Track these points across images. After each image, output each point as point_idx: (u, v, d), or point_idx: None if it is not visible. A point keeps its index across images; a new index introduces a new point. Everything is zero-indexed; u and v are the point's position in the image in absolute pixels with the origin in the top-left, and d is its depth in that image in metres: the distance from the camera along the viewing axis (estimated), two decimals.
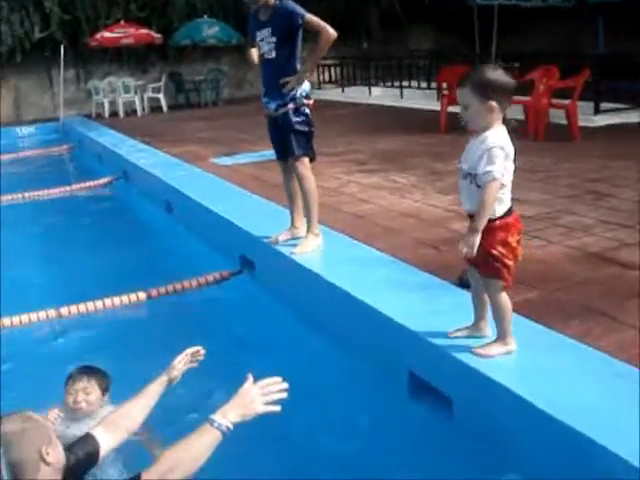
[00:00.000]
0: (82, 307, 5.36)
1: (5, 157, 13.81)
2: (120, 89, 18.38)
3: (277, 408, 2.75)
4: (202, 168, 9.11)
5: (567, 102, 10.12)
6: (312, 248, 5.08)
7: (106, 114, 18.16)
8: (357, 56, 19.47)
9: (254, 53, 5.28)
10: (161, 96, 19.04)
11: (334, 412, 3.72)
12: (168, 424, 3.43)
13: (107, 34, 17.98)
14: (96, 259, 6.96)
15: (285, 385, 2.79)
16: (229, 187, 7.59)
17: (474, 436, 3.15)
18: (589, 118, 11.04)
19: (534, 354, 3.23)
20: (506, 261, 3.06)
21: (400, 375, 3.64)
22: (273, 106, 5.14)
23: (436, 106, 13.78)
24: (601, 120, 11.18)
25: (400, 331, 3.59)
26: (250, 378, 2.83)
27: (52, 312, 5.29)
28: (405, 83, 16.12)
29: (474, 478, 2.99)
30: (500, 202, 3.04)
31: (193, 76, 20.16)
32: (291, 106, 5.06)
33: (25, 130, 16.88)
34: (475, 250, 3.00)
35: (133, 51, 19.95)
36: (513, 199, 3.18)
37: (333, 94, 18.74)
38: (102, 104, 18.38)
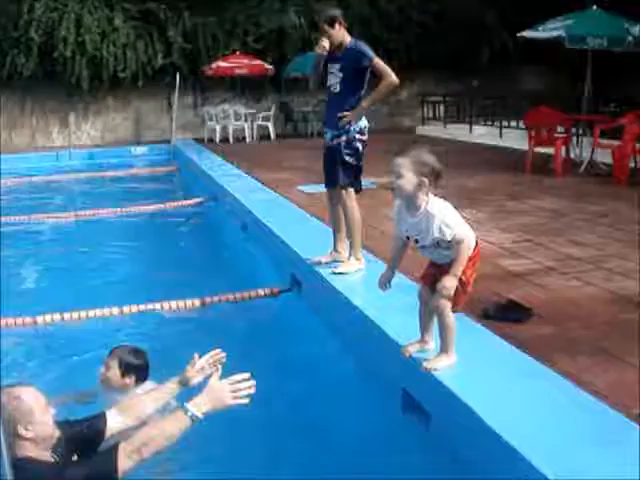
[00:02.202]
0: (142, 307, 5.93)
1: (117, 173, 14.84)
2: (231, 116, 19.25)
3: (245, 401, 3.14)
4: (284, 194, 9.59)
5: None
6: (352, 271, 5.39)
7: (217, 139, 19.03)
8: (462, 93, 19.63)
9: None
10: (270, 125, 19.79)
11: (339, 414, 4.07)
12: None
13: (222, 64, 18.91)
14: (173, 266, 7.72)
15: (253, 382, 3.16)
16: (298, 212, 8.08)
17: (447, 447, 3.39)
18: None
19: (509, 381, 3.43)
20: (467, 288, 3.32)
21: (396, 391, 3.91)
22: (329, 136, 5.52)
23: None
24: None
25: (397, 350, 3.85)
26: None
27: (115, 310, 5.88)
28: (505, 123, 16.17)
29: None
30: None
31: (302, 107, 20.85)
32: (344, 139, 5.42)
33: (139, 150, 17.98)
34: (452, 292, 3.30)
35: (248, 80, 20.85)
36: (570, 240, 3.41)
37: (435, 130, 18.98)
38: (214, 130, 19.28)
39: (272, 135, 19.65)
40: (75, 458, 3.19)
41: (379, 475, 3.49)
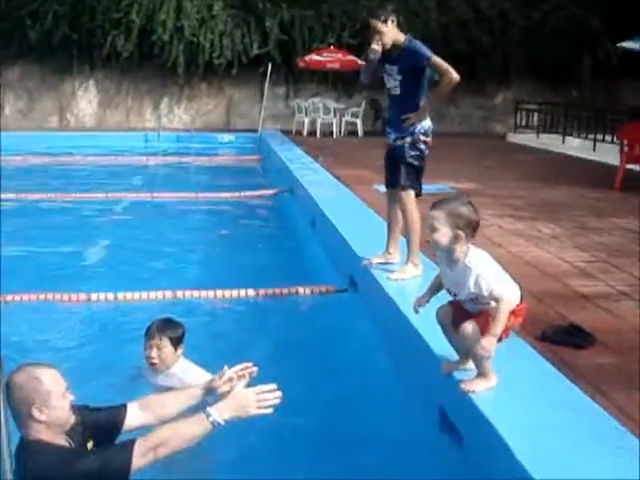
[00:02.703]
0: (196, 293, 5.93)
1: (201, 159, 15.01)
2: (320, 110, 19.21)
3: (269, 411, 3.05)
4: (357, 192, 9.45)
5: None
6: (408, 277, 5.20)
7: (305, 132, 19.05)
8: (559, 103, 19.02)
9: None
10: (358, 121, 19.65)
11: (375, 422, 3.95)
12: None
13: (315, 57, 18.89)
14: (238, 254, 7.78)
15: (279, 393, 3.06)
16: (366, 212, 7.88)
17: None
18: None
19: (550, 412, 3.21)
20: (503, 335, 3.27)
21: (434, 409, 3.73)
22: (392, 137, 5.36)
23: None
24: None
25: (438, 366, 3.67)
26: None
27: (169, 293, 5.91)
28: (600, 136, 15.57)
29: None
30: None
31: None
32: (408, 139, 5.26)
33: (226, 137, 18.12)
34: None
35: (340, 75, 20.78)
36: None
37: (527, 139, 18.47)
38: (303, 122, 19.30)
39: (360, 132, 19.52)
40: (90, 445, 3.14)
41: None
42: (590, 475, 2.64)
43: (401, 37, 5.14)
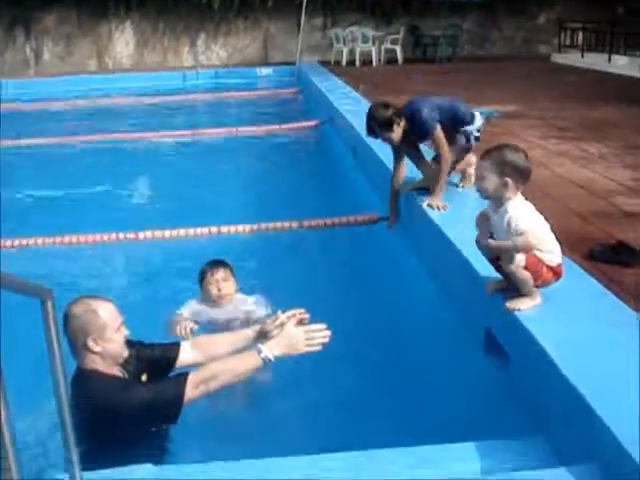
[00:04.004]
0: (240, 228, 6.00)
1: (240, 94, 14.91)
2: (359, 39, 18.87)
3: (318, 348, 3.17)
4: None
5: None
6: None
7: (344, 62, 18.76)
8: (605, 21, 18.36)
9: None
10: (398, 48, 19.26)
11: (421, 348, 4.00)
12: None
13: None
14: (282, 189, 7.79)
15: (328, 332, 3.17)
16: None
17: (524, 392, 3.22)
18: None
19: (597, 329, 3.19)
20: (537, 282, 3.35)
21: (479, 330, 3.73)
22: None
23: None
24: None
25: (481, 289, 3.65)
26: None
27: (214, 229, 5.97)
28: None
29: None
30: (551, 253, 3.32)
31: (432, 31, 20.17)
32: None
33: (264, 71, 17.93)
34: None
35: (378, 2, 20.34)
36: None
37: (571, 59, 17.95)
38: (341, 52, 18.99)
39: (400, 59, 19.15)
40: (144, 378, 3.22)
41: (455, 412, 3.36)
42: None
43: (402, 126, 5.03)
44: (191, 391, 3.00)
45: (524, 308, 3.28)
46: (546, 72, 16.34)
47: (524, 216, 3.24)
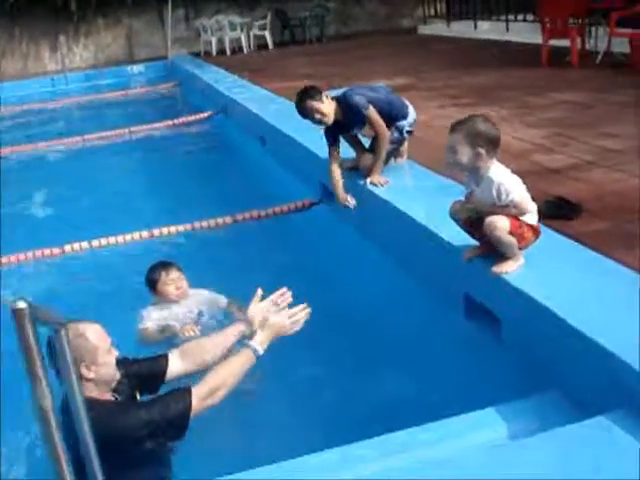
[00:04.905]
0: (173, 229, 5.79)
1: (117, 94, 14.45)
2: (227, 27, 18.67)
3: (301, 327, 3.25)
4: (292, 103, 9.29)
5: None
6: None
7: (214, 52, 18.51)
8: None
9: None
10: (267, 33, 19.20)
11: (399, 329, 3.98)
12: None
13: None
14: (194, 186, 7.56)
15: (308, 310, 3.24)
16: None
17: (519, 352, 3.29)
18: None
19: (581, 277, 3.31)
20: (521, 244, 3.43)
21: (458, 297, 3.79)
22: None
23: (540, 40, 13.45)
24: None
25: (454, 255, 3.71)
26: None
27: (145, 233, 5.77)
28: (512, 17, 15.65)
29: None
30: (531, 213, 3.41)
31: (298, 12, 20.21)
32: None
33: (136, 69, 17.46)
34: None
35: None
36: (603, 133, 3.29)
37: (438, 29, 18.42)
38: (210, 42, 18.74)
39: (270, 44, 19.09)
40: (138, 397, 3.08)
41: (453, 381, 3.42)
42: None
43: (333, 105, 5.03)
44: (198, 403, 2.88)
45: (511, 270, 3.36)
46: (420, 43, 16.73)
47: (509, 181, 3.31)
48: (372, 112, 5.01)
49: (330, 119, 5.03)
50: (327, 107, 4.98)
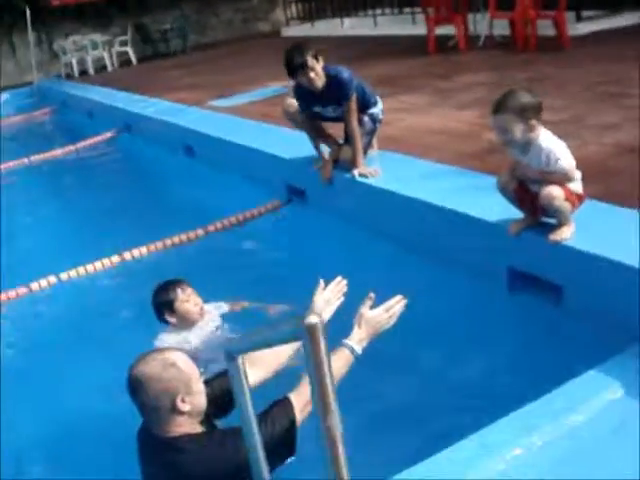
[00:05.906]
0: (143, 249, 5.54)
1: None
2: (88, 47, 18.04)
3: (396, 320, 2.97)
4: (207, 110, 9.12)
5: (554, 12, 10.19)
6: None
7: (76, 73, 17.84)
8: None
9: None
10: (129, 49, 18.74)
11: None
12: None
13: None
14: (121, 211, 7.04)
15: (405, 300, 2.97)
16: (251, 124, 7.62)
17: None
18: (572, 27, 11.12)
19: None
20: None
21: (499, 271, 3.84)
22: None
23: (411, 30, 13.87)
24: (584, 28, 11.30)
25: (495, 230, 3.76)
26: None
27: (115, 258, 5.47)
28: (378, 11, 16.04)
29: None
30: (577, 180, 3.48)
31: (159, 26, 19.85)
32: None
33: (2, 97, 16.40)
34: None
35: (92, 7, 19.54)
36: None
37: (303, 30, 18.47)
38: (70, 64, 18.04)
39: (133, 60, 18.63)
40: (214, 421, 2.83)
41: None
42: None
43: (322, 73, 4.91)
44: (299, 416, 2.65)
45: (568, 236, 3.44)
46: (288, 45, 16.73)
47: (558, 148, 3.39)
48: (354, 102, 5.00)
49: (321, 83, 4.86)
50: (320, 70, 4.87)
